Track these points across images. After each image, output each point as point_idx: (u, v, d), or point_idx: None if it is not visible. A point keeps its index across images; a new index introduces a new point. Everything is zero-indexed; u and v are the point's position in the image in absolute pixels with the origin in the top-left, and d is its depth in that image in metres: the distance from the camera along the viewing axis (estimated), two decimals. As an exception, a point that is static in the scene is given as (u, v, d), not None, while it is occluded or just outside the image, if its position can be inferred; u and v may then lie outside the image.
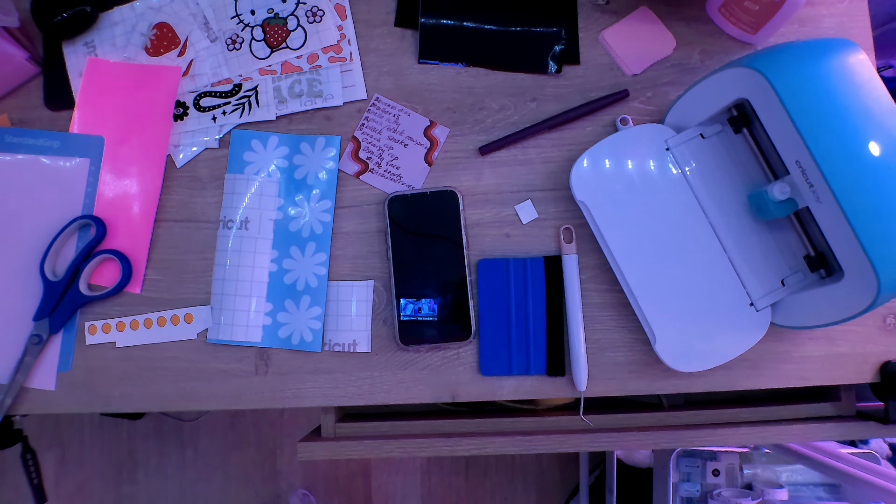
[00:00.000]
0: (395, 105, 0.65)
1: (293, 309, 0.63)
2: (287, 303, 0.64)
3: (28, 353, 0.63)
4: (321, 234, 0.64)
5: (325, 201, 0.64)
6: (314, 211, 0.64)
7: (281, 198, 0.65)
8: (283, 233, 0.64)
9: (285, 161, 0.65)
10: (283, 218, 0.64)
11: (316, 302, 0.63)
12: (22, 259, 0.64)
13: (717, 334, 0.58)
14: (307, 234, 0.64)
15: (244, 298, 0.63)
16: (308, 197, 0.64)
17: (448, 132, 0.65)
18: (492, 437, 0.62)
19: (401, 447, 0.62)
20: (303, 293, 0.63)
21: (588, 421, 0.62)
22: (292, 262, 0.64)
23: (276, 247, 0.64)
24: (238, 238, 0.64)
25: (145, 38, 0.66)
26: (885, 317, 0.62)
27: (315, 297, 0.63)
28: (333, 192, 0.64)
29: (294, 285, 0.64)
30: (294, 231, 0.64)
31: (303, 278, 0.63)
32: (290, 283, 0.64)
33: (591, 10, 0.66)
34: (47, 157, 0.66)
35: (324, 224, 0.64)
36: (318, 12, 0.66)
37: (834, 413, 0.64)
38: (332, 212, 0.64)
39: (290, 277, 0.64)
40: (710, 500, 0.79)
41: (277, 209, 0.64)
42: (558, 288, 0.62)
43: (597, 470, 1.28)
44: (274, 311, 0.64)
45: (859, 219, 0.47)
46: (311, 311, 0.63)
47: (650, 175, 0.60)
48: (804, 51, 0.50)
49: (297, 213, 0.64)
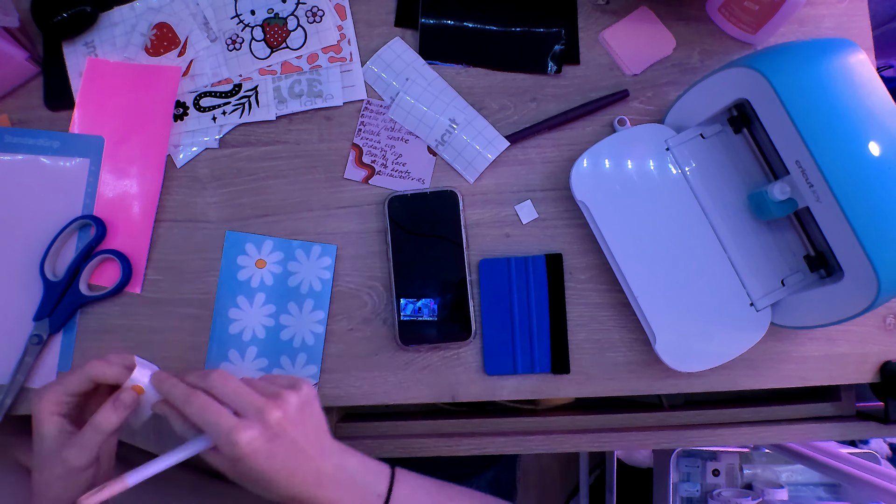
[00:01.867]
0: (387, 105, 0.65)
1: (288, 366, 0.63)
2: (282, 360, 0.63)
3: (28, 353, 0.63)
4: (312, 346, 0.63)
5: (317, 312, 0.63)
6: (307, 322, 0.63)
7: (274, 305, 0.64)
8: (274, 341, 0.63)
9: (279, 267, 0.64)
10: (274, 325, 0.63)
11: (312, 360, 0.63)
12: (22, 259, 0.64)
13: (717, 334, 0.58)
14: (298, 344, 0.63)
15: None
16: (301, 306, 0.63)
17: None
18: (492, 437, 0.62)
19: (401, 447, 0.62)
20: (299, 350, 0.63)
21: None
22: (289, 318, 0.63)
23: (264, 356, 0.63)
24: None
25: (145, 39, 0.66)
26: (885, 317, 0.62)
27: (311, 355, 0.63)
28: (327, 304, 0.63)
29: (291, 341, 0.63)
30: (285, 340, 0.63)
31: (300, 336, 0.63)
32: (286, 340, 0.63)
33: (591, 10, 0.66)
34: (47, 157, 0.66)
35: (315, 336, 0.63)
36: (317, 12, 0.66)
37: (834, 413, 0.64)
38: (324, 323, 0.63)
39: (287, 334, 0.63)
40: (710, 499, 0.79)
41: (268, 316, 0.63)
42: (560, 286, 0.62)
43: (597, 470, 1.28)
44: (269, 368, 0.63)
45: (859, 219, 0.47)
46: (307, 369, 0.63)
47: (650, 175, 0.60)
48: (804, 51, 0.50)
49: (290, 322, 0.63)
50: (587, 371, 0.62)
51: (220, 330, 0.63)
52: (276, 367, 0.63)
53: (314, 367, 0.63)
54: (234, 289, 0.64)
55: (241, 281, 0.64)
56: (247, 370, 0.63)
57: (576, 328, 0.63)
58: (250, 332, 0.63)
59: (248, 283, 0.64)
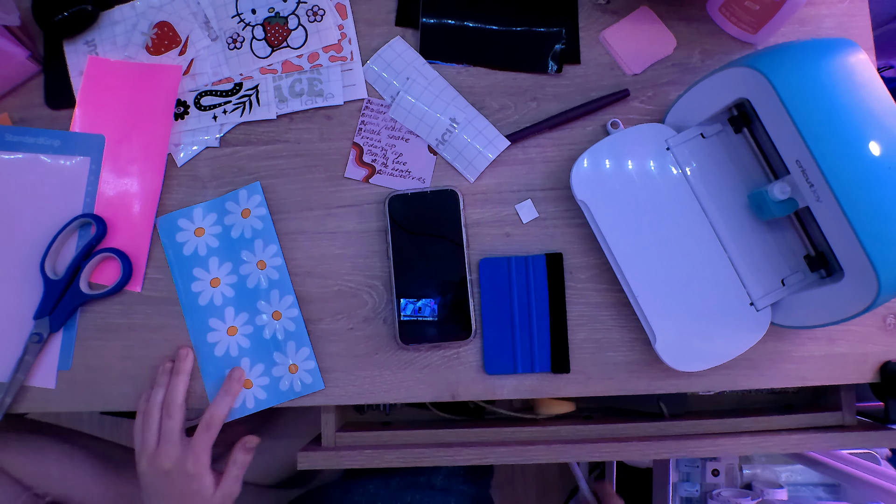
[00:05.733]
0: (388, 104, 0.65)
1: (283, 360, 0.63)
2: (276, 355, 0.63)
3: (28, 351, 0.63)
4: (279, 280, 0.63)
5: (270, 246, 0.64)
6: (266, 260, 0.63)
7: (229, 262, 0.64)
8: (243, 293, 0.64)
9: (218, 227, 0.64)
10: (238, 280, 0.64)
11: (302, 344, 0.63)
12: (22, 257, 0.64)
13: (717, 334, 0.58)
14: (266, 284, 0.63)
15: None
16: (253, 249, 0.64)
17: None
18: (492, 447, 0.61)
19: (401, 457, 0.62)
20: (285, 341, 0.63)
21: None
22: (263, 317, 0.64)
23: (244, 310, 0.64)
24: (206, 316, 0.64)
25: (146, 37, 0.66)
26: (885, 317, 0.62)
27: (299, 340, 0.63)
28: (274, 236, 0.64)
29: (274, 337, 0.63)
30: (252, 287, 0.64)
31: (281, 327, 0.63)
32: (269, 337, 0.63)
33: (591, 9, 0.66)
34: (48, 155, 0.66)
35: (278, 269, 0.63)
36: (318, 11, 0.66)
37: (834, 423, 0.64)
38: (281, 255, 0.64)
39: (268, 331, 0.63)
40: (710, 500, 0.79)
41: (228, 274, 0.64)
42: (561, 285, 0.62)
43: (596, 470, 1.28)
44: (267, 370, 0.63)
45: (860, 218, 0.47)
46: (301, 353, 0.63)
47: (651, 175, 0.60)
48: (805, 50, 0.50)
49: (249, 269, 0.64)
50: (587, 370, 0.62)
51: (191, 306, 0.64)
52: (257, 314, 0.63)
53: (290, 297, 0.63)
54: (187, 264, 0.64)
55: (188, 256, 0.64)
56: (237, 330, 0.64)
57: (576, 327, 0.63)
58: (220, 297, 0.64)
59: (196, 253, 0.64)
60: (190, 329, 0.64)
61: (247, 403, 0.63)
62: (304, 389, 0.63)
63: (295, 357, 0.63)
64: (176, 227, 0.64)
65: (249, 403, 0.63)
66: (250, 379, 0.63)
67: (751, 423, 0.64)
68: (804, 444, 0.61)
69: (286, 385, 0.63)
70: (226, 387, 0.62)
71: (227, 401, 0.61)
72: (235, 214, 0.64)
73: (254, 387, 0.63)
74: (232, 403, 0.62)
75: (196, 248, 0.64)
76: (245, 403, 0.63)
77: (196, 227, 0.64)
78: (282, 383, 0.63)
